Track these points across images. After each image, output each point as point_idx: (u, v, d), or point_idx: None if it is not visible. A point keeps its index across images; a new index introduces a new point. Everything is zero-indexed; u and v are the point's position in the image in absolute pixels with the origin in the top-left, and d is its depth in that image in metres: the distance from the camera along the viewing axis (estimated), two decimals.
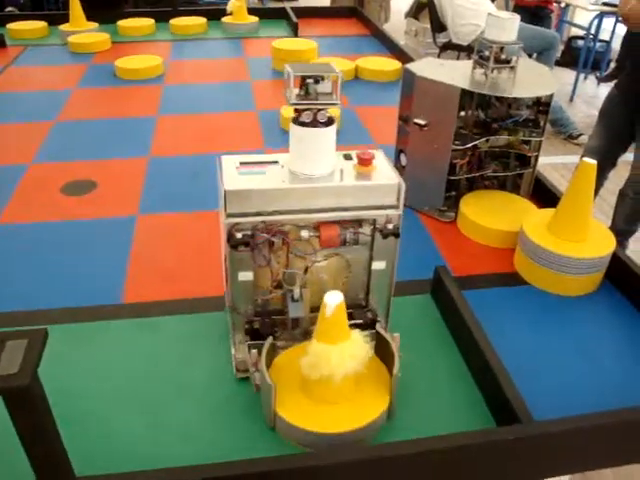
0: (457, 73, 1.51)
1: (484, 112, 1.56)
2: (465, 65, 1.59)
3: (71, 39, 2.90)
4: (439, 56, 4.95)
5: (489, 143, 1.56)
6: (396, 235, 1.01)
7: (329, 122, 0.98)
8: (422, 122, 1.50)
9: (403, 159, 1.60)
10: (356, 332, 0.95)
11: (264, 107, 2.25)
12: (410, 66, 1.54)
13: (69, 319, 1.22)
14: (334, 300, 0.90)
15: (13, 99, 2.36)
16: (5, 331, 0.69)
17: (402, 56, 2.73)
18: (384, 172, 1.02)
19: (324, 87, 0.97)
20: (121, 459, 0.94)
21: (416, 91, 1.50)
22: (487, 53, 1.47)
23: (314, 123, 0.98)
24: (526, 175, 1.63)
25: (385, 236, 1.01)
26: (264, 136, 2.02)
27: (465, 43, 4.70)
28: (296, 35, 3.16)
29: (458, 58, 4.78)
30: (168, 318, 1.23)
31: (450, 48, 4.85)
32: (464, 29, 4.66)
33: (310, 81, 0.97)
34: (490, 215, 1.52)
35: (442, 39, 5.03)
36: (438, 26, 4.98)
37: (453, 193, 1.61)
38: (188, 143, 1.99)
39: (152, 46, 3.01)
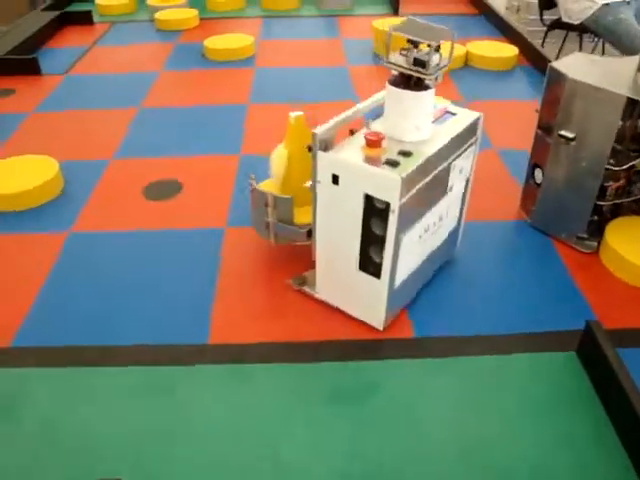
0: (615, 75, 1.23)
1: None
2: (622, 64, 1.30)
3: (158, 15, 2.75)
4: (546, 36, 4.53)
5: None
6: None
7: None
8: (570, 135, 1.23)
9: (539, 175, 1.34)
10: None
11: (365, 96, 2.00)
12: (557, 65, 1.26)
13: (148, 359, 1.06)
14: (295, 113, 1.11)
15: (98, 82, 2.22)
16: None
17: (518, 40, 2.42)
18: None
19: (421, 54, 0.94)
20: None
21: (565, 96, 1.23)
22: None
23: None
24: None
25: None
26: None
27: (576, 22, 4.23)
28: (396, 13, 2.89)
29: (565, 39, 4.36)
30: (264, 367, 1.05)
31: (559, 27, 4.39)
32: (577, 6, 4.18)
33: (410, 45, 0.94)
34: None
35: (549, 16, 4.58)
36: (546, 2, 4.54)
37: (595, 218, 1.34)
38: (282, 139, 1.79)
39: (241, 23, 2.82)
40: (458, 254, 1.29)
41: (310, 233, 1.10)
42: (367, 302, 1.07)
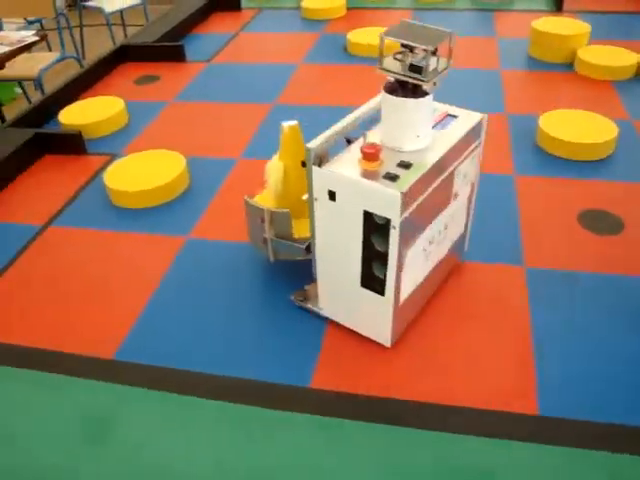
0: None
1: None
2: None
3: (304, 4, 2.68)
4: None
5: None
6: None
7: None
8: None
9: None
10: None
11: (516, 110, 1.81)
12: None
13: (239, 396, 0.98)
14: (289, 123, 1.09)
15: (236, 71, 2.19)
16: None
17: None
18: None
19: (417, 59, 0.90)
20: None
21: None
22: None
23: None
24: None
25: None
26: (514, 155, 1.60)
27: None
28: (560, 10, 2.61)
29: None
30: (360, 426, 0.93)
31: None
32: None
33: (405, 49, 0.90)
34: None
35: None
36: None
37: None
38: None
39: (389, 15, 2.68)
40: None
41: (309, 248, 1.05)
42: (372, 319, 1.03)
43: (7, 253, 1.34)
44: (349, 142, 0.98)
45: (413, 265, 0.98)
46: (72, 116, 1.80)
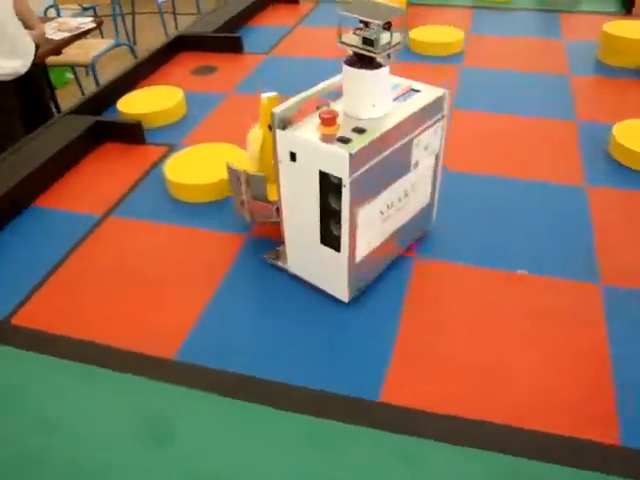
0: None
1: None
2: None
3: None
4: None
5: None
6: None
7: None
8: None
9: None
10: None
11: (588, 117, 1.73)
12: None
13: (311, 408, 0.95)
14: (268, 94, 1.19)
15: (295, 64, 2.15)
16: None
17: None
18: None
19: (369, 33, 0.98)
20: None
21: None
22: None
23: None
24: None
25: None
26: (585, 165, 1.53)
27: None
28: (629, 12, 2.51)
29: None
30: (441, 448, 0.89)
31: None
32: None
33: (362, 25, 0.98)
34: None
35: None
36: None
37: None
38: (485, 157, 1.59)
39: (450, 13, 2.61)
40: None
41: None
42: (331, 275, 1.11)
43: (67, 242, 1.33)
44: (318, 108, 1.05)
45: (369, 226, 1.06)
46: (131, 105, 1.79)
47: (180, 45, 2.29)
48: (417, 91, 1.11)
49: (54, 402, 0.98)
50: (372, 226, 1.08)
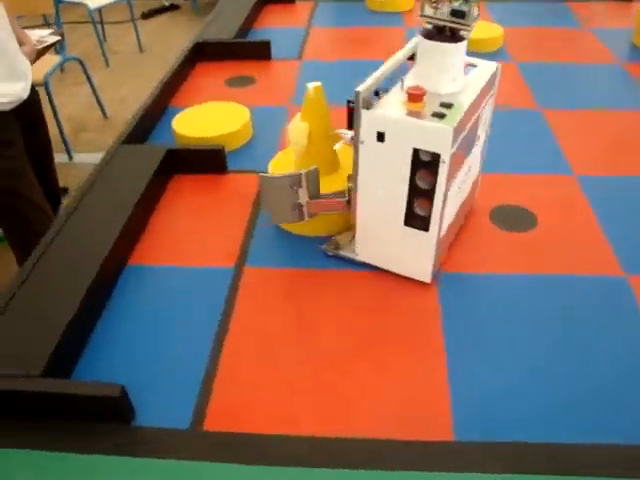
0: None
1: None
2: None
3: None
4: None
5: None
6: None
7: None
8: None
9: None
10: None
11: None
12: None
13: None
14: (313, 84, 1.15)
15: (336, 69, 1.97)
16: None
17: None
18: None
19: (457, 5, 0.95)
20: None
21: None
22: None
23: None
24: None
25: None
26: None
27: None
28: None
29: None
30: None
31: None
32: None
33: None
34: None
35: None
36: None
37: None
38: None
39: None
40: None
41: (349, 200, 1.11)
42: (414, 257, 1.09)
43: (218, 302, 1.11)
44: (377, 94, 1.00)
45: (452, 201, 1.05)
46: (189, 127, 1.54)
47: (197, 54, 2.03)
48: (474, 65, 1.10)
49: None
50: (452, 201, 1.07)
